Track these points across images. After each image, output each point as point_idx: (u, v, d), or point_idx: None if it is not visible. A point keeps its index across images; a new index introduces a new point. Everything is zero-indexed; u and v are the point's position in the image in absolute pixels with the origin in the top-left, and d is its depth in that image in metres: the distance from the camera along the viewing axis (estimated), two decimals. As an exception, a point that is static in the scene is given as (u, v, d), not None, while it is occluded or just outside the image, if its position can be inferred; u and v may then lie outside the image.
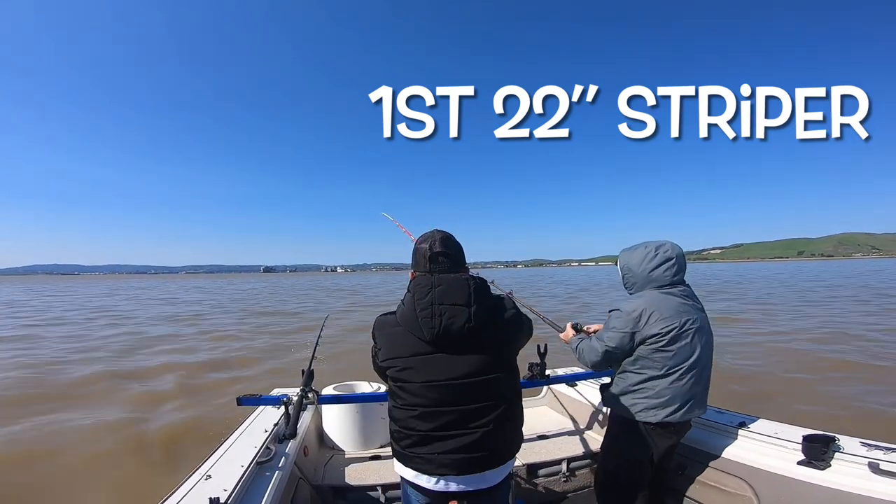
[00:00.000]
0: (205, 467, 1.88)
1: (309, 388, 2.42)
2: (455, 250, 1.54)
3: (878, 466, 1.69)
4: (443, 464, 1.41)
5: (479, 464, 1.43)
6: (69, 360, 9.24)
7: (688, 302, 2.02)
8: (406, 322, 1.44)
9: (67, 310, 22.30)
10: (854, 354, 8.24)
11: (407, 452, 1.46)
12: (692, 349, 1.95)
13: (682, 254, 2.07)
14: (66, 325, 15.77)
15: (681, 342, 1.93)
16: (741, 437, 2.17)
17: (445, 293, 1.40)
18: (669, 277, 2.01)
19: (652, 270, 2.02)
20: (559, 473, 2.75)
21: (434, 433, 1.41)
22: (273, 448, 2.14)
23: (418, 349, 1.42)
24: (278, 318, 18.04)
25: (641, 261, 2.06)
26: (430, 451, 1.42)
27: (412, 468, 1.47)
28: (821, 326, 11.57)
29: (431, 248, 1.50)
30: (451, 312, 1.38)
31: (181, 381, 7.56)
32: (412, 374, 1.42)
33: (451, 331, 1.38)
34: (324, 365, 3.95)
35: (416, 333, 1.41)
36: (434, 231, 1.57)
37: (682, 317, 1.95)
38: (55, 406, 6.22)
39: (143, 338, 12.53)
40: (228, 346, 11.20)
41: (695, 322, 1.97)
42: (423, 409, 1.41)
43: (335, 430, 2.99)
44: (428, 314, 1.38)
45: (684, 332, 1.93)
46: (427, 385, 1.40)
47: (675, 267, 2.02)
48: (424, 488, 1.48)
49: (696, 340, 1.96)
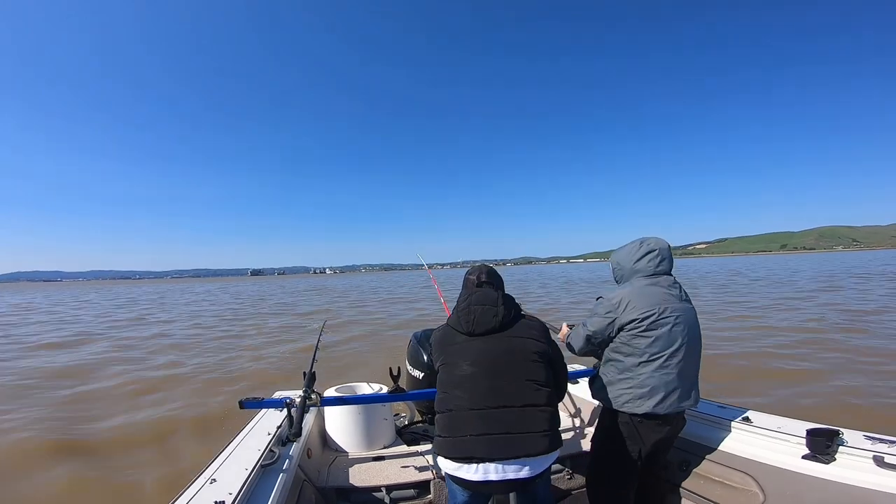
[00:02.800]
0: (209, 471, 1.87)
1: (311, 390, 2.40)
2: (495, 279, 2.04)
3: (883, 460, 1.70)
4: (484, 445, 1.63)
5: (520, 446, 1.63)
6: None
7: (671, 292, 2.07)
8: (452, 323, 1.91)
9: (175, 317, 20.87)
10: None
11: (451, 438, 1.69)
12: (673, 337, 1.98)
13: (666, 247, 2.17)
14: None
15: (660, 329, 1.97)
16: (745, 431, 2.19)
17: (480, 298, 1.88)
18: (653, 268, 2.11)
19: (636, 262, 2.14)
20: (562, 471, 2.76)
21: (475, 410, 1.68)
22: (277, 451, 2.13)
23: (459, 339, 1.84)
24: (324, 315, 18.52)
25: (628, 254, 2.19)
26: (475, 429, 1.65)
27: (456, 458, 1.67)
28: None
29: (479, 278, 2.02)
30: (483, 311, 1.83)
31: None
32: (455, 357, 1.80)
33: (482, 323, 1.81)
34: (324, 367, 3.95)
35: (458, 328, 1.86)
36: (482, 265, 2.10)
37: (661, 305, 2.00)
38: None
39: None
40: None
41: (676, 311, 2.01)
42: (465, 388, 1.72)
43: (338, 432, 2.96)
44: (465, 312, 1.85)
45: (663, 318, 1.98)
46: (467, 364, 1.76)
47: (658, 258, 2.12)
48: (467, 480, 1.67)
49: (678, 329, 1.99)
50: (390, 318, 16.74)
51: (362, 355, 9.75)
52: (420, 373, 3.16)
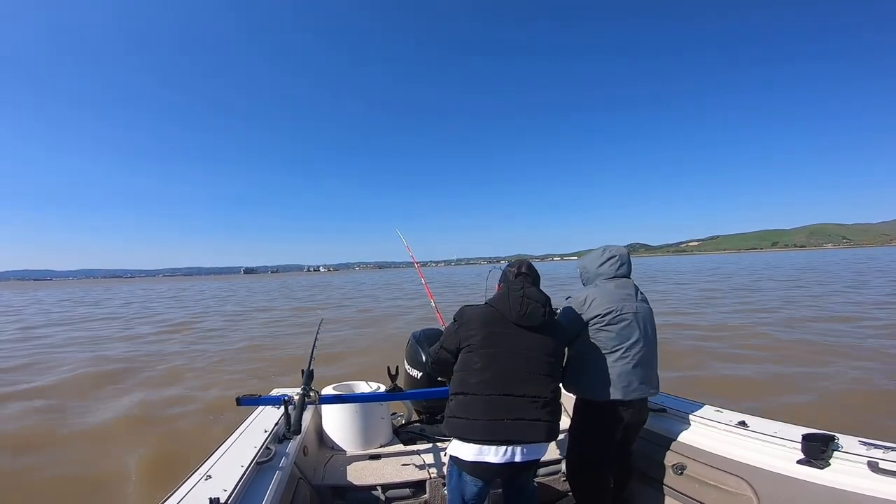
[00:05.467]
0: (205, 467, 1.86)
1: (309, 388, 2.39)
2: (535, 274, 2.19)
3: (878, 465, 1.71)
4: (514, 430, 1.82)
5: (541, 432, 1.86)
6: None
7: (627, 290, 2.38)
8: (500, 305, 1.99)
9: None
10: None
11: (476, 420, 1.84)
12: (631, 331, 2.27)
13: (626, 253, 2.51)
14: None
15: (621, 323, 2.26)
16: (740, 435, 2.19)
17: (532, 294, 2.00)
18: (613, 271, 2.43)
19: (599, 266, 2.46)
20: (559, 472, 2.77)
21: (509, 396, 1.85)
22: (273, 448, 2.13)
23: (505, 325, 1.96)
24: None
25: (593, 260, 2.52)
26: (504, 413, 1.83)
27: (479, 440, 1.83)
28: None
29: (520, 269, 2.17)
30: (534, 306, 1.96)
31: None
32: (498, 341, 1.93)
33: (532, 316, 1.94)
34: (322, 365, 3.97)
35: (507, 314, 1.95)
36: (521, 259, 2.25)
37: (620, 303, 2.30)
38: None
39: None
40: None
41: (633, 308, 2.32)
42: (502, 370, 1.88)
43: (335, 430, 2.96)
44: (519, 302, 1.95)
45: (623, 314, 2.28)
46: (508, 350, 1.92)
47: (618, 262, 2.45)
48: (491, 464, 1.83)
49: (636, 324, 2.29)
50: (389, 318, 16.80)
51: (360, 354, 9.82)
52: (418, 372, 3.16)
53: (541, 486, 2.71)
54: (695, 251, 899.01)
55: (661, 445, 2.46)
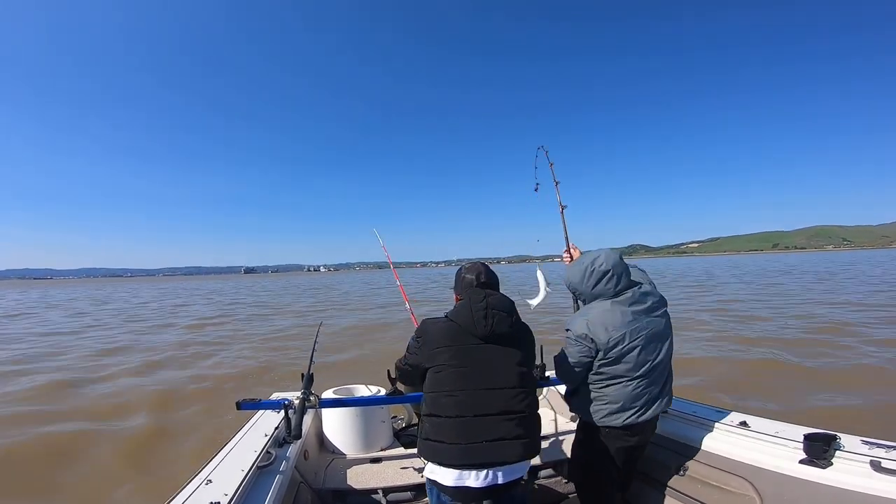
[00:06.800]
0: (205, 472, 1.85)
1: (310, 392, 2.38)
2: (494, 279, 2.00)
3: (880, 465, 1.70)
4: (492, 453, 1.67)
5: (520, 450, 1.71)
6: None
7: (636, 308, 2.06)
8: (461, 320, 1.81)
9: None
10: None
11: (455, 445, 1.67)
12: (643, 359, 2.02)
13: (618, 262, 2.09)
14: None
15: (633, 351, 2.00)
16: (742, 436, 2.18)
17: (497, 303, 1.82)
18: (612, 289, 2.06)
19: (594, 287, 2.09)
20: (560, 474, 2.76)
21: (485, 416, 1.69)
22: (273, 452, 2.12)
23: (469, 341, 1.79)
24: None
25: (581, 278, 2.12)
26: (480, 435, 1.67)
27: (458, 465, 1.67)
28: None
29: (478, 277, 1.96)
30: (500, 317, 1.79)
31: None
32: (465, 359, 1.76)
33: (498, 330, 1.78)
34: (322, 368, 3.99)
35: (471, 329, 1.78)
36: (477, 264, 2.03)
37: (629, 327, 2.01)
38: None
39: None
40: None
41: (644, 328, 2.03)
42: (474, 391, 1.72)
43: (335, 434, 2.95)
44: (482, 315, 1.77)
45: (634, 341, 2.00)
46: (477, 368, 1.75)
47: (613, 279, 2.06)
48: (472, 489, 1.68)
49: (648, 349, 2.03)
50: (389, 318, 16.76)
51: (360, 357, 9.84)
52: None
53: (541, 487, 2.70)
54: (695, 253, 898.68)
55: (663, 446, 2.45)
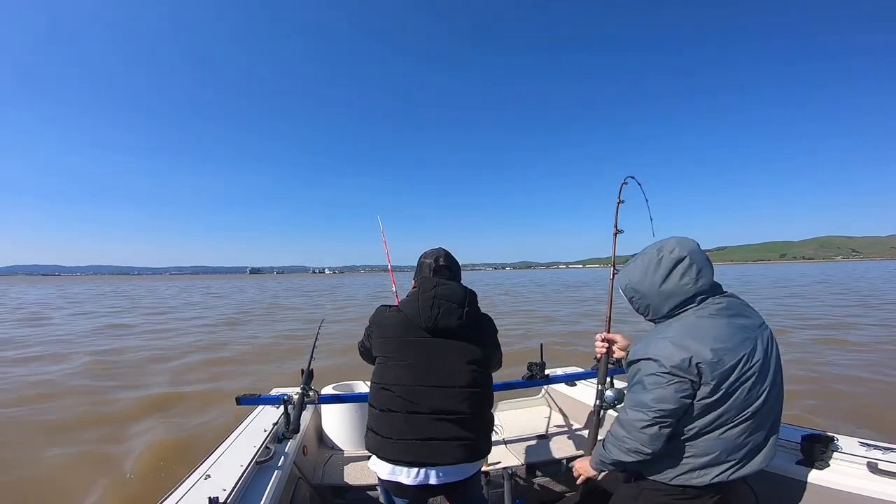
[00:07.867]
0: (204, 467, 1.87)
1: (309, 388, 2.40)
2: (455, 265, 1.87)
3: (877, 466, 1.70)
4: (424, 452, 1.59)
5: (459, 452, 1.61)
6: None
7: (738, 321, 1.41)
8: (408, 310, 1.71)
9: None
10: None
11: (387, 439, 1.61)
12: (758, 391, 1.37)
13: (696, 249, 1.46)
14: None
15: (745, 383, 1.36)
16: None
17: (446, 293, 1.71)
18: (692, 287, 1.42)
19: (663, 283, 1.44)
20: (558, 473, 2.76)
21: (418, 414, 1.60)
22: (272, 448, 2.13)
23: (415, 333, 1.69)
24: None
25: (645, 273, 1.48)
26: (412, 433, 1.59)
27: (390, 460, 1.61)
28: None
29: (436, 261, 1.83)
30: (448, 308, 1.68)
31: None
32: (406, 353, 1.67)
33: (445, 322, 1.66)
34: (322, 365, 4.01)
35: (416, 321, 1.68)
36: (438, 248, 1.89)
37: (740, 350, 1.36)
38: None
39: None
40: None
41: (756, 353, 1.38)
42: (410, 387, 1.62)
43: (334, 430, 2.97)
44: (429, 305, 1.67)
45: (751, 369, 1.36)
46: (417, 363, 1.65)
47: (692, 268, 1.42)
48: (405, 485, 1.62)
49: (763, 380, 1.39)
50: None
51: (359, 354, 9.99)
52: None
53: (540, 486, 2.69)
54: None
55: None
